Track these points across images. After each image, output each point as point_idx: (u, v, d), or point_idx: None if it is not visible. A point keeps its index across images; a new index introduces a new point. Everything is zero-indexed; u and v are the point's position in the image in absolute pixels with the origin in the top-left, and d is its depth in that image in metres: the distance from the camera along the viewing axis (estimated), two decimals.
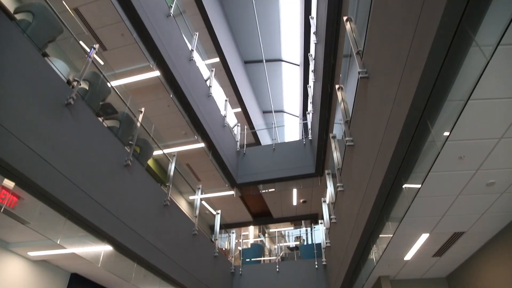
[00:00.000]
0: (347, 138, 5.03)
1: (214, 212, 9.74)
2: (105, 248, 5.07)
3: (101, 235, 4.86)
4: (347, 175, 5.75)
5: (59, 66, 4.65)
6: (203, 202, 11.41)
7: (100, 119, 5.58)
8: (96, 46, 4.95)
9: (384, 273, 6.60)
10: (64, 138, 4.21)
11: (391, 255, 5.63)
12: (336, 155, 6.34)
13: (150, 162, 10.32)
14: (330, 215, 7.63)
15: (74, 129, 4.41)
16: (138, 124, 5.92)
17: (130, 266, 5.62)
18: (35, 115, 3.83)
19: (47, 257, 6.03)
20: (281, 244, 13.15)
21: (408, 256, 5.77)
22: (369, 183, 4.36)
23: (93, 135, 4.79)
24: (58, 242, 4.29)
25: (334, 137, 6.64)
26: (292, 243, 15.07)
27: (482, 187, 3.99)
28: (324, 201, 8.25)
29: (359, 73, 4.01)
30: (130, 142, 5.65)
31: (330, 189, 7.54)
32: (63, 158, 4.13)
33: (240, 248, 11.27)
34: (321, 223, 9.56)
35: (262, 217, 13.78)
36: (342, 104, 5.32)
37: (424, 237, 5.07)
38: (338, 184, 6.08)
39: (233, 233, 10.45)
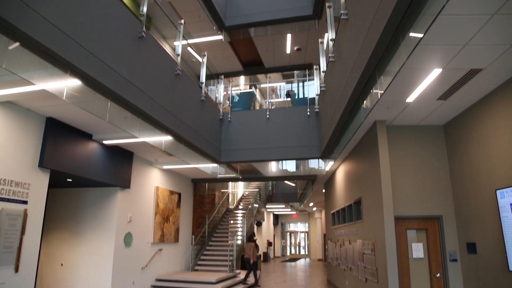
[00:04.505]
0: None
1: (200, 59, 8.94)
2: (68, 83, 4.40)
3: (61, 63, 4.13)
4: None
5: None
6: (189, 49, 10.50)
7: None
8: None
9: (380, 117, 6.23)
10: None
11: (393, 95, 5.11)
12: None
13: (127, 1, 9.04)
14: (328, 55, 6.91)
15: None
16: None
17: (104, 103, 5.07)
18: None
19: (10, 97, 5.42)
20: (272, 100, 12.75)
21: (411, 98, 5.27)
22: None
23: None
24: (3, 67, 3.58)
25: None
26: (283, 98, 14.72)
27: None
28: (322, 42, 7.43)
29: None
30: None
31: (330, 23, 6.64)
32: None
33: (228, 101, 10.79)
34: (316, 69, 8.90)
35: (253, 66, 13.03)
36: None
37: (435, 73, 4.46)
38: (341, 12, 5.17)
39: (221, 78, 9.84)
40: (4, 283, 5.58)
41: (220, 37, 10.46)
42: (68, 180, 7.83)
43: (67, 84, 4.38)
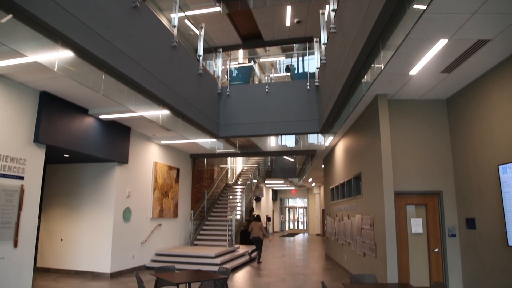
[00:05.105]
0: None
1: (198, 32, 8.68)
2: (60, 54, 4.23)
3: (51, 33, 3.95)
4: None
5: None
6: (186, 21, 10.21)
7: None
8: None
9: (382, 91, 6.09)
10: None
11: (396, 67, 4.95)
12: None
13: None
14: (329, 26, 6.69)
15: None
16: None
17: (98, 75, 4.91)
18: None
19: (1, 69, 5.26)
20: (271, 75, 12.50)
21: (414, 70, 5.12)
22: None
23: None
24: None
25: None
26: (283, 73, 14.45)
27: None
28: (323, 13, 7.17)
29: None
30: None
31: None
32: None
33: (227, 75, 10.56)
34: (316, 41, 8.67)
35: (252, 39, 12.72)
36: None
37: (441, 43, 4.29)
38: None
39: (219, 51, 9.61)
40: (3, 258, 5.58)
41: (218, 8, 10.14)
42: (65, 155, 7.74)
43: (59, 55, 4.21)
